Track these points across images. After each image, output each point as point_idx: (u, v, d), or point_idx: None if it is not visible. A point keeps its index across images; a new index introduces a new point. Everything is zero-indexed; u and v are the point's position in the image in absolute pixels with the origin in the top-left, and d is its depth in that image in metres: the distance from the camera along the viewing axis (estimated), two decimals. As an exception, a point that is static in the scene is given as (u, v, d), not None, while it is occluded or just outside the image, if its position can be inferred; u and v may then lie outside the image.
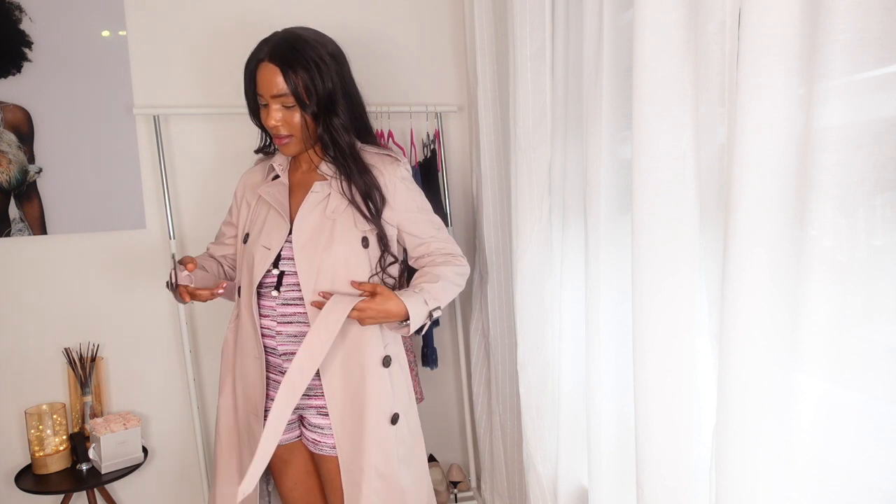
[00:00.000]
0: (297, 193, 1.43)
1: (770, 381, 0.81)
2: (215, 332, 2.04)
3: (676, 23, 0.93)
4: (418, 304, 1.32)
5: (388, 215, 1.40)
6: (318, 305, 1.32)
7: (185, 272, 1.36)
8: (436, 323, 2.11)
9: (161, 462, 2.04)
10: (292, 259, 1.37)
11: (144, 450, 1.90)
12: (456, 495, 2.16)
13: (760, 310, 0.80)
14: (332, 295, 1.33)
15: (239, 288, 1.46)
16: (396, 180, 1.40)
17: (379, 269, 1.40)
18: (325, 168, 1.41)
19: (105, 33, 1.88)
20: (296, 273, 1.36)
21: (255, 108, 1.42)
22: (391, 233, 1.41)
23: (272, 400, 1.36)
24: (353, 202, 1.37)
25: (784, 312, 0.78)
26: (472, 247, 2.15)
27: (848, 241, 0.71)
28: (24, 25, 1.81)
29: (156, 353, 2.00)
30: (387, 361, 1.38)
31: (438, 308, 1.37)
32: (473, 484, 2.27)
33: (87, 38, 1.86)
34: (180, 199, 1.98)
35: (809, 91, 0.71)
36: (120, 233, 1.94)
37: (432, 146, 2.09)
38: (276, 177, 1.48)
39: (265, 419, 1.34)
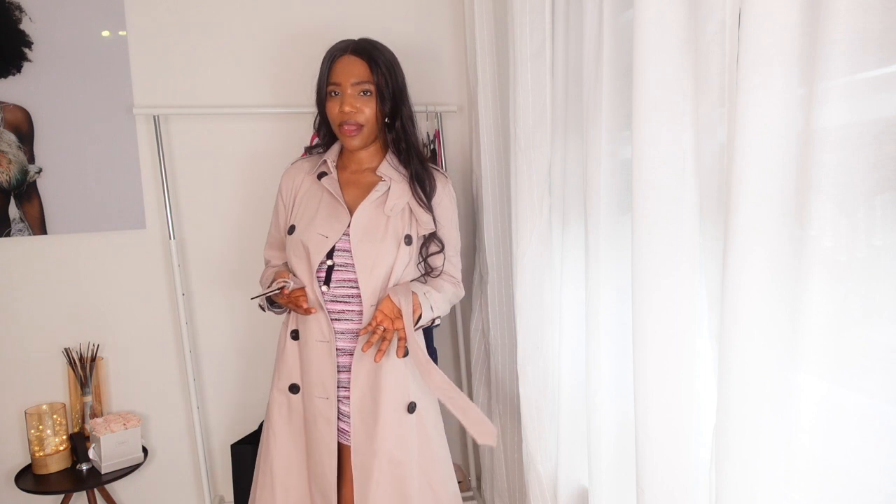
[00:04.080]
0: (346, 191, 1.51)
1: (770, 381, 0.81)
2: (215, 332, 2.05)
3: (676, 23, 0.93)
4: (426, 311, 1.44)
5: (433, 213, 1.52)
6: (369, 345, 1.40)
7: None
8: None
9: (161, 462, 2.04)
10: (345, 251, 1.44)
11: (144, 450, 1.90)
12: (456, 495, 2.16)
13: (760, 310, 0.80)
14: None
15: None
16: (444, 193, 1.54)
17: (421, 258, 1.51)
18: (385, 169, 1.50)
19: (105, 33, 1.88)
20: (345, 268, 1.44)
21: (322, 100, 1.51)
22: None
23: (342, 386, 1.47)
24: (414, 193, 1.48)
25: (784, 312, 0.78)
26: (472, 247, 2.15)
27: (848, 241, 0.71)
28: (24, 25, 1.81)
29: (156, 353, 2.00)
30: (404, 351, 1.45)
31: (439, 318, 1.50)
32: (473, 484, 2.27)
33: (87, 38, 1.86)
34: (180, 199, 1.98)
35: (809, 91, 0.71)
36: (120, 233, 1.94)
37: (432, 146, 2.09)
38: (323, 174, 1.53)
39: (338, 401, 1.45)
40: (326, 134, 1.59)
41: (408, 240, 1.46)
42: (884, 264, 0.70)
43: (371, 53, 1.46)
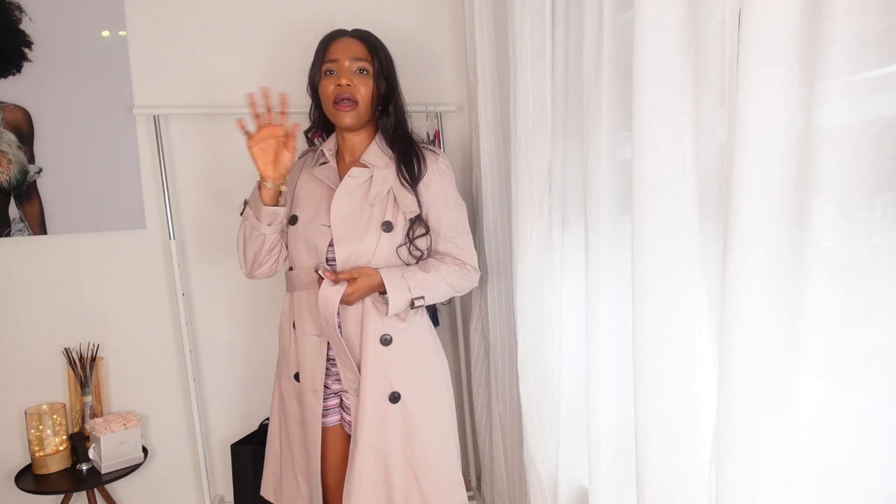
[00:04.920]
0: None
1: (770, 381, 0.81)
2: (215, 332, 2.04)
3: (676, 23, 0.93)
4: (401, 291, 1.40)
5: (422, 196, 1.48)
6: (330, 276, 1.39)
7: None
8: (436, 322, 2.12)
9: (161, 462, 2.04)
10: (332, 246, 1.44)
11: (144, 450, 1.90)
12: (456, 495, 2.16)
13: (760, 309, 0.80)
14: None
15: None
16: (433, 171, 1.50)
17: (407, 241, 1.47)
18: (369, 156, 1.49)
19: (105, 33, 1.87)
20: (334, 262, 1.44)
21: (316, 83, 1.51)
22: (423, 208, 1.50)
23: (335, 378, 1.48)
24: (399, 173, 1.46)
25: (784, 312, 0.78)
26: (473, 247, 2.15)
27: (848, 241, 0.71)
28: (24, 25, 1.80)
29: (156, 353, 2.00)
30: (385, 340, 1.44)
31: (422, 298, 1.43)
32: (473, 484, 2.27)
33: (87, 38, 1.86)
34: (180, 199, 1.98)
35: (809, 91, 0.71)
36: (120, 233, 1.94)
37: (432, 146, 2.09)
38: (324, 163, 1.54)
39: (323, 396, 1.48)
40: (320, 117, 1.59)
41: (386, 226, 1.44)
42: (884, 264, 0.70)
43: (369, 38, 1.50)
